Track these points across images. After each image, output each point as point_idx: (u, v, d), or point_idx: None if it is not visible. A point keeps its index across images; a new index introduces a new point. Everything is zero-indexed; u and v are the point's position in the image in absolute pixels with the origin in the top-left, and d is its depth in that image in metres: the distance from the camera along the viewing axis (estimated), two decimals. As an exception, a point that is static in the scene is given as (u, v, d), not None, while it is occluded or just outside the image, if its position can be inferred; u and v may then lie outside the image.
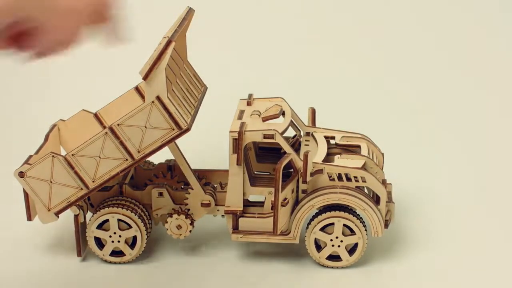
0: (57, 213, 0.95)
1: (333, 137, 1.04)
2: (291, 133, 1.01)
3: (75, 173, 0.93)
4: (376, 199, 0.97)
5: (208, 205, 0.97)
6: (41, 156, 0.93)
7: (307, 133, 1.04)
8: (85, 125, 1.05)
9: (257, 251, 1.02)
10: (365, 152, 1.00)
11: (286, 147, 0.94)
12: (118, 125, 0.90)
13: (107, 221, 0.97)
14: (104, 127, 1.04)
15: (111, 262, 0.99)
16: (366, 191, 0.98)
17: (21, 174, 0.93)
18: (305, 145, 1.01)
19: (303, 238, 0.97)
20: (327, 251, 0.97)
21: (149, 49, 0.93)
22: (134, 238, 0.98)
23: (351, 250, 0.97)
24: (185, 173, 0.97)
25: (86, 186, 0.93)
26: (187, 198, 0.97)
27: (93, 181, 0.93)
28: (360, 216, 0.96)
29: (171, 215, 0.97)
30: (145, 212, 0.99)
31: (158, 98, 0.88)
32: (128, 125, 0.90)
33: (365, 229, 0.96)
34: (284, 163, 0.92)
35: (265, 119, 0.96)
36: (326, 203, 0.95)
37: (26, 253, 1.02)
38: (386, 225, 0.98)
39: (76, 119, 1.06)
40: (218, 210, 0.98)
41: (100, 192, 0.97)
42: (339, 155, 0.98)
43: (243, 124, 0.94)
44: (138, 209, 0.98)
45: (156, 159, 1.02)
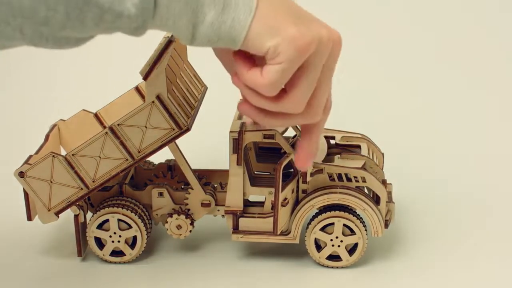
0: (57, 213, 0.95)
1: (333, 137, 1.04)
2: (291, 133, 1.01)
3: (75, 173, 0.93)
4: (376, 199, 0.97)
5: (208, 205, 0.97)
6: (41, 156, 0.93)
7: (307, 133, 1.04)
8: (85, 125, 1.05)
9: (257, 251, 1.02)
10: (365, 152, 1.00)
11: (286, 147, 0.94)
12: (118, 125, 0.90)
13: (107, 221, 0.97)
14: (104, 127, 1.04)
15: (111, 262, 0.99)
16: (366, 191, 0.98)
17: (21, 174, 0.93)
18: (305, 145, 1.01)
19: (303, 238, 0.97)
20: (327, 251, 0.97)
21: (149, 49, 0.93)
22: (134, 238, 0.98)
23: (351, 250, 0.97)
24: (185, 173, 0.97)
25: (86, 186, 0.94)
26: (187, 198, 0.97)
27: (93, 181, 0.93)
28: (360, 216, 0.96)
29: (171, 215, 0.97)
30: (145, 212, 0.99)
31: (158, 98, 0.88)
32: (128, 125, 0.90)
33: (365, 229, 0.96)
34: (284, 163, 0.92)
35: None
36: (326, 203, 0.95)
37: (26, 253, 1.02)
38: (386, 225, 0.98)
39: (76, 119, 1.06)
40: (218, 210, 0.98)
41: (100, 192, 0.97)
42: (339, 155, 0.98)
43: (243, 124, 0.94)
44: (138, 209, 0.98)
45: (156, 159, 1.02)
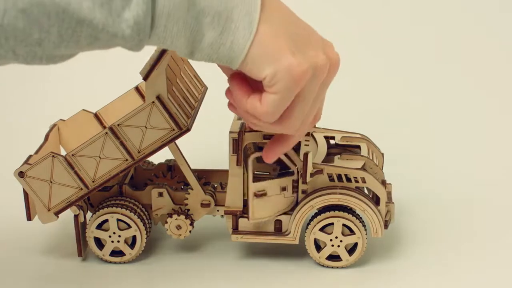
0: (57, 213, 0.95)
1: (332, 137, 1.04)
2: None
3: (75, 173, 0.93)
4: (376, 200, 0.97)
5: (208, 205, 0.97)
6: (41, 156, 0.93)
7: (307, 133, 1.04)
8: (85, 125, 1.05)
9: (257, 251, 1.02)
10: (365, 152, 1.00)
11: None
12: (118, 125, 0.90)
13: (107, 221, 0.97)
14: (104, 127, 1.04)
15: (111, 262, 0.99)
16: (366, 191, 0.98)
17: (21, 174, 0.93)
18: (305, 145, 1.01)
19: (303, 239, 0.97)
20: (327, 251, 0.97)
21: (149, 49, 0.93)
22: (134, 237, 0.98)
23: (351, 250, 0.97)
24: (185, 173, 0.97)
25: (86, 186, 0.94)
26: (187, 199, 0.97)
27: (93, 181, 0.93)
28: (359, 216, 0.96)
29: (171, 215, 0.97)
30: (145, 211, 0.99)
31: (158, 98, 0.88)
32: (128, 125, 0.90)
33: (365, 229, 0.96)
34: (254, 156, 0.92)
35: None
36: (326, 203, 0.95)
37: (26, 253, 1.02)
38: (386, 226, 0.98)
39: (76, 119, 1.06)
40: (218, 211, 0.98)
41: (100, 192, 0.97)
42: (339, 156, 0.98)
43: (243, 124, 0.94)
44: (137, 209, 0.98)
45: (156, 159, 1.02)
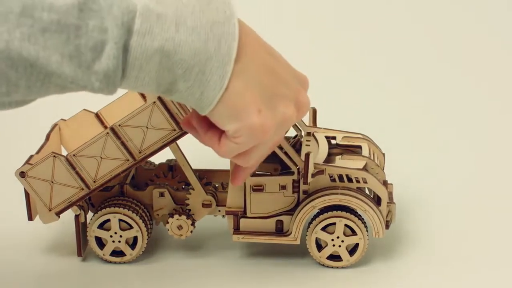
0: (58, 213, 0.95)
1: (334, 137, 1.04)
2: (292, 133, 1.01)
3: (76, 173, 0.93)
4: (377, 200, 0.97)
5: (209, 205, 0.97)
6: (42, 156, 0.93)
7: (308, 133, 1.04)
8: (86, 125, 1.05)
9: (258, 251, 1.02)
10: (366, 152, 1.00)
11: (287, 147, 0.94)
12: (119, 125, 0.90)
13: (108, 221, 0.97)
14: (105, 127, 1.04)
15: (111, 262, 0.99)
16: (367, 192, 0.98)
17: (22, 174, 0.93)
18: (306, 145, 1.01)
19: (304, 239, 0.97)
20: (328, 251, 0.97)
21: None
22: (135, 238, 0.98)
23: (352, 250, 0.97)
24: (186, 173, 0.97)
25: (87, 186, 0.94)
26: (188, 199, 0.97)
27: (94, 181, 0.93)
28: (361, 217, 0.96)
29: (172, 216, 0.97)
30: (146, 212, 0.99)
31: (159, 98, 0.88)
32: (129, 126, 0.90)
33: (366, 229, 0.96)
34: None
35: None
36: (327, 204, 0.95)
37: (27, 253, 1.02)
38: (387, 226, 0.98)
39: (77, 119, 1.06)
40: (219, 211, 0.98)
41: (101, 192, 0.97)
42: (340, 156, 0.98)
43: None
44: (139, 210, 0.98)
45: (157, 159, 1.02)
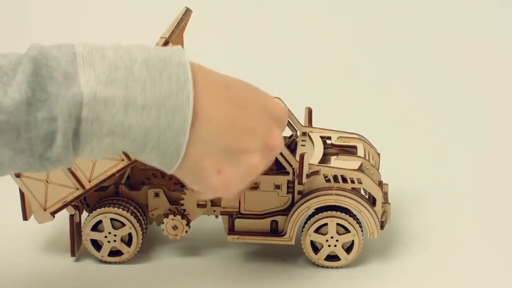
0: (53, 213, 0.95)
1: (329, 138, 1.04)
2: (287, 132, 1.01)
3: (71, 173, 0.93)
4: (372, 201, 0.97)
5: (204, 206, 0.97)
6: (37, 156, 0.93)
7: (304, 133, 1.04)
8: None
9: (254, 251, 1.02)
10: (361, 153, 1.00)
11: (282, 148, 0.94)
12: (114, 125, 0.90)
13: (101, 222, 0.97)
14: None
15: (110, 263, 0.99)
16: (362, 192, 0.98)
17: (17, 174, 0.93)
18: (302, 145, 1.01)
19: (299, 239, 0.97)
20: (324, 252, 0.97)
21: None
22: (130, 235, 0.98)
23: (348, 249, 0.97)
24: (181, 173, 0.97)
25: (82, 186, 0.93)
26: (183, 199, 0.97)
27: (89, 181, 0.93)
28: (353, 214, 0.96)
29: (167, 216, 0.97)
30: (139, 208, 0.98)
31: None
32: (124, 126, 0.90)
33: (359, 225, 0.96)
34: None
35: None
36: (322, 204, 0.95)
37: (22, 252, 1.02)
38: (382, 226, 0.98)
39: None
40: (214, 211, 0.98)
41: (96, 192, 0.97)
42: (335, 156, 0.98)
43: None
44: (130, 206, 0.97)
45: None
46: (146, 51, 0.65)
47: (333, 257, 0.98)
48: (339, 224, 0.96)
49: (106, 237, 0.97)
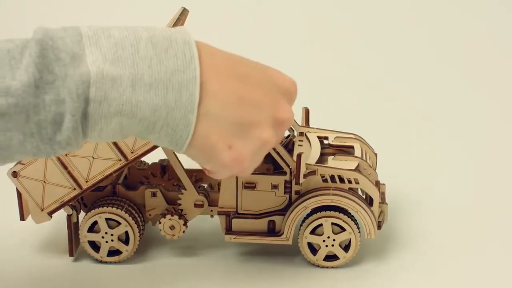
0: (50, 213, 0.95)
1: (326, 138, 1.04)
2: (284, 133, 1.01)
3: (68, 173, 0.93)
4: (369, 201, 0.97)
5: (201, 205, 0.97)
6: (35, 156, 0.93)
7: (301, 133, 1.04)
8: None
9: (251, 251, 1.02)
10: (358, 153, 1.01)
11: (279, 148, 0.94)
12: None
13: (96, 222, 0.97)
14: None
15: (110, 263, 0.99)
16: (360, 192, 0.98)
17: (15, 174, 0.93)
18: (299, 145, 1.01)
19: (296, 239, 0.97)
20: (323, 253, 0.97)
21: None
22: (127, 234, 0.98)
23: (346, 247, 0.97)
24: (178, 173, 0.97)
25: (79, 186, 0.93)
26: (180, 199, 0.97)
27: (86, 181, 0.93)
28: (347, 212, 0.96)
29: (164, 216, 0.97)
30: (133, 206, 0.98)
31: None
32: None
33: (355, 223, 0.96)
34: None
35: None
36: (319, 204, 0.95)
37: (19, 253, 1.02)
38: (379, 226, 0.98)
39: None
40: (212, 211, 0.98)
41: (93, 192, 0.97)
42: (332, 156, 0.98)
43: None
44: (124, 205, 0.97)
45: (150, 159, 1.02)
46: (152, 30, 0.65)
47: (331, 257, 0.98)
48: (334, 224, 0.96)
49: (103, 237, 0.97)
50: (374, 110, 1.37)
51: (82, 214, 0.99)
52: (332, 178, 0.95)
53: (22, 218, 0.97)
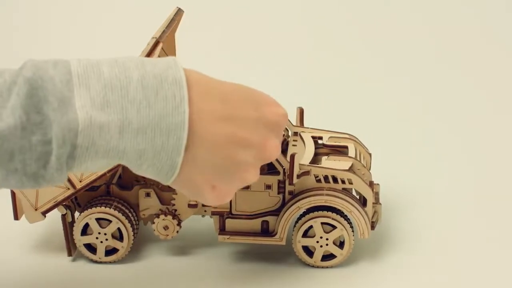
0: (44, 213, 0.95)
1: (320, 137, 1.04)
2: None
3: (62, 172, 0.93)
4: (363, 201, 0.97)
5: (195, 206, 0.97)
6: (28, 156, 0.92)
7: (295, 133, 1.04)
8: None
9: (245, 251, 1.02)
10: (352, 153, 1.01)
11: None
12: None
13: (88, 225, 0.97)
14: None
15: (109, 263, 0.99)
16: (354, 193, 0.98)
17: (8, 174, 0.92)
18: (293, 145, 1.01)
19: (289, 239, 0.97)
20: (319, 254, 0.97)
21: (137, 50, 0.93)
22: (120, 231, 0.98)
23: (341, 244, 0.97)
24: (173, 173, 0.97)
25: (73, 186, 0.93)
26: (174, 199, 0.97)
27: (80, 181, 0.93)
28: (336, 209, 0.95)
29: (158, 216, 0.97)
30: (123, 203, 0.98)
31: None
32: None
33: (345, 219, 0.96)
34: None
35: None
36: (313, 204, 0.95)
37: (14, 252, 1.02)
38: (373, 227, 0.98)
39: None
40: (205, 211, 0.98)
41: (87, 192, 0.97)
42: (326, 157, 0.98)
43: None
44: (113, 202, 0.97)
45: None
46: (142, 67, 0.64)
47: (328, 256, 0.98)
48: (324, 223, 0.96)
49: (97, 238, 0.97)
50: (369, 110, 1.37)
51: (77, 214, 0.99)
52: (326, 178, 0.95)
53: (16, 217, 0.97)
